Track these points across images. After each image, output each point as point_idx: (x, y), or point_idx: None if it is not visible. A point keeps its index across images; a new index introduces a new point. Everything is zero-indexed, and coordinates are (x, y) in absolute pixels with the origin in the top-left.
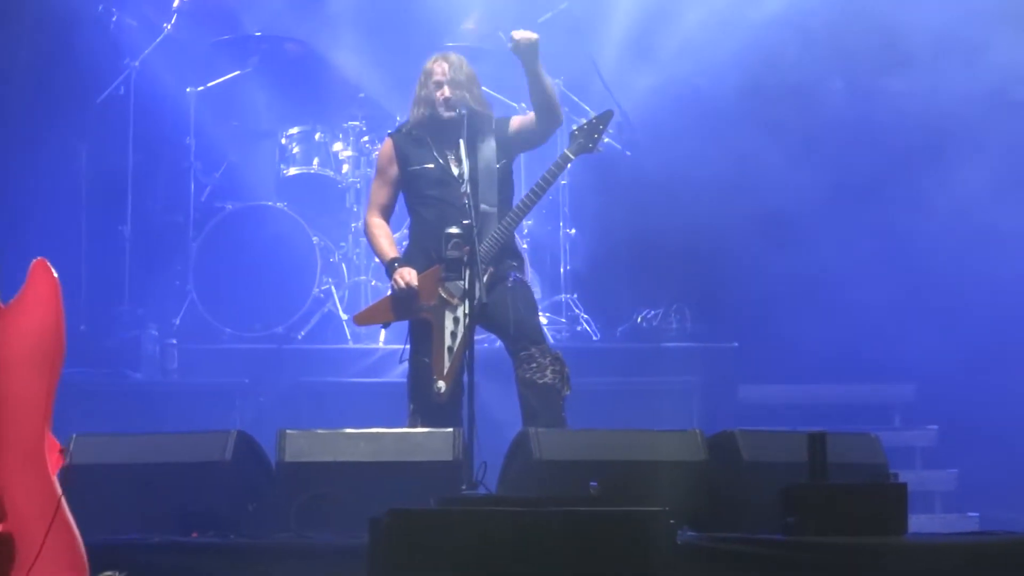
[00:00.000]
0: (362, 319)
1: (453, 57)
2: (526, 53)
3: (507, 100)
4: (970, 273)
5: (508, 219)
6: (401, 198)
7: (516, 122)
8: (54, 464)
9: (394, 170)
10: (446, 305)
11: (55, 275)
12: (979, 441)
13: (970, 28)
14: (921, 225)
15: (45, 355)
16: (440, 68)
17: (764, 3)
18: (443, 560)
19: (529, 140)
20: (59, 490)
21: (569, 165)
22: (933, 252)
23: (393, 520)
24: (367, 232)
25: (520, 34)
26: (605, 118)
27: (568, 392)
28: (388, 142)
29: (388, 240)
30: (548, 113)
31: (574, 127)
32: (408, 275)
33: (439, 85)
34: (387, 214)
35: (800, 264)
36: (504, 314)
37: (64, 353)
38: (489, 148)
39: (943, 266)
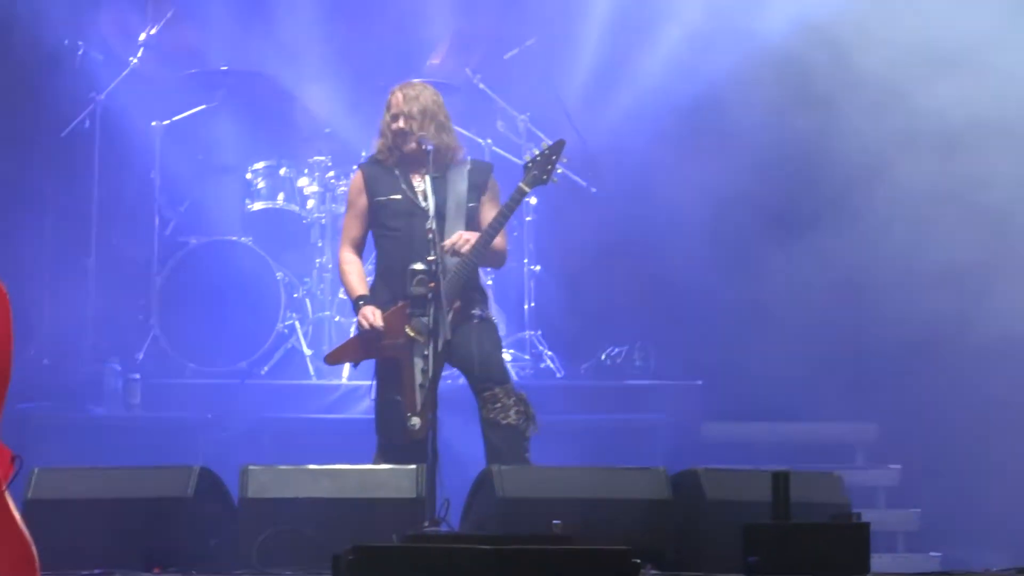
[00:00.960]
0: (332, 358)
1: (411, 88)
2: (475, 255)
3: (473, 136)
4: (930, 313)
5: (469, 255)
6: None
7: (488, 200)
8: (4, 473)
9: (363, 201)
10: (414, 343)
11: (5, 295)
12: (941, 480)
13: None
14: (883, 263)
15: None
16: (395, 100)
17: (723, 44)
18: None
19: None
20: (5, 490)
21: (525, 198)
22: (894, 291)
23: (356, 556)
24: (340, 268)
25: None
26: (557, 148)
27: (535, 432)
28: (358, 174)
29: (358, 277)
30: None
31: (527, 158)
32: (372, 315)
33: (395, 117)
34: (359, 247)
35: (764, 302)
36: (469, 352)
37: (10, 367)
38: (461, 185)
39: (904, 305)
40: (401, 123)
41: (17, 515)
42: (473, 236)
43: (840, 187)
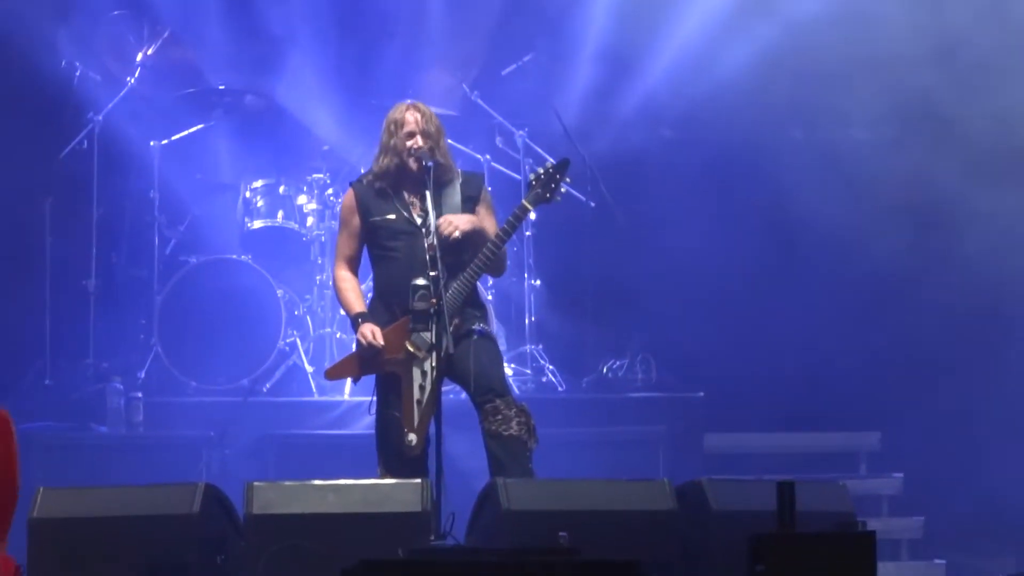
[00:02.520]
0: (332, 374)
1: (423, 107)
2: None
3: (472, 152)
4: (931, 321)
5: (471, 270)
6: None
7: (483, 207)
8: None
9: (356, 221)
10: (413, 359)
11: (8, 419)
12: (944, 488)
13: None
14: (879, 273)
15: None
16: (413, 118)
17: (725, 56)
18: None
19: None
20: None
21: (528, 215)
22: (894, 299)
23: (363, 572)
24: (334, 286)
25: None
26: (562, 167)
27: (535, 445)
28: (350, 193)
29: (355, 294)
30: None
31: (531, 176)
32: (372, 332)
33: (411, 135)
34: (354, 266)
35: (764, 313)
36: (469, 367)
37: (17, 489)
38: (455, 200)
39: (904, 314)
40: (419, 141)
41: None
42: (459, 219)
43: (842, 195)
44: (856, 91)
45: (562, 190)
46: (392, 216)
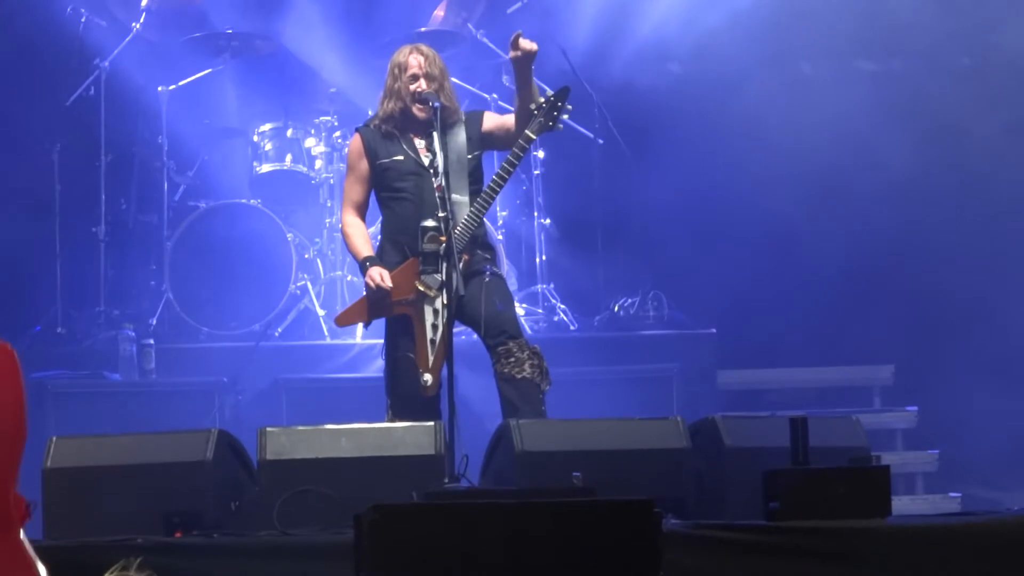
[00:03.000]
0: (342, 320)
1: (426, 49)
2: (523, 63)
3: (479, 91)
4: (943, 254)
5: (477, 205)
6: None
7: (491, 120)
8: (20, 520)
9: (364, 165)
10: (424, 298)
11: (13, 354)
12: (959, 421)
13: None
14: (896, 206)
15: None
16: (416, 61)
17: None
18: (428, 554)
19: (504, 141)
20: (31, 552)
21: (531, 145)
22: (907, 234)
23: (378, 516)
24: (343, 231)
25: (526, 44)
26: (563, 94)
27: (548, 387)
28: (356, 137)
29: (363, 239)
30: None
31: (532, 106)
32: (380, 275)
33: (415, 78)
34: (362, 211)
35: (775, 248)
36: (480, 308)
37: (25, 426)
38: (460, 140)
39: (917, 247)
40: (424, 84)
41: (38, 562)
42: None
43: (855, 139)
44: (867, 22)
45: (564, 117)
46: (400, 157)
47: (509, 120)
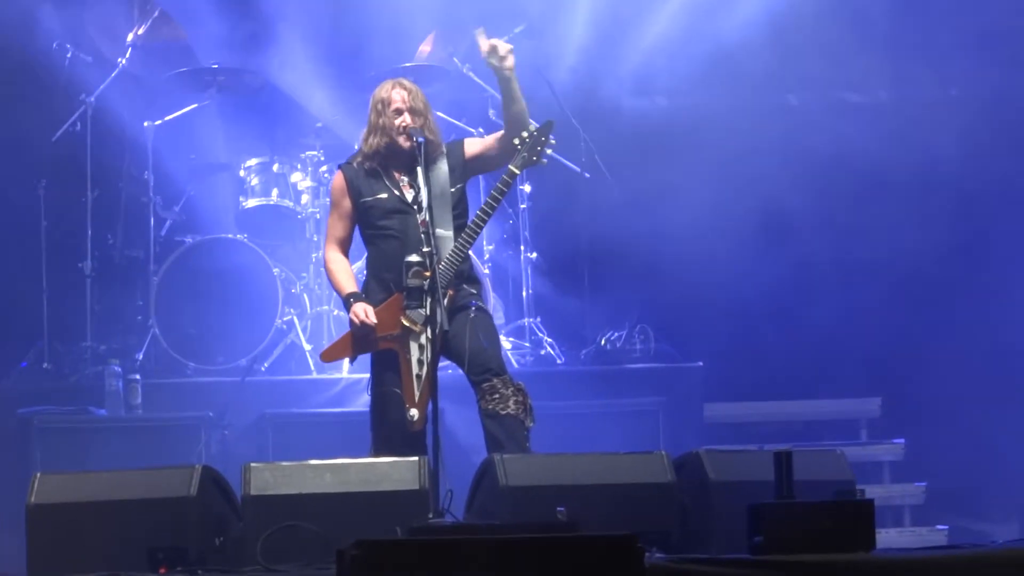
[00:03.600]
0: (327, 356)
1: (408, 84)
2: (501, 62)
3: (464, 126)
4: (933, 285)
5: (462, 240)
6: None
7: (473, 146)
8: None
9: (347, 203)
10: (410, 334)
11: None
12: (946, 454)
13: None
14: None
15: None
16: (400, 95)
17: (719, 23)
18: None
19: (493, 160)
20: None
21: (515, 180)
22: (895, 265)
23: (360, 551)
24: (326, 267)
25: (494, 45)
26: (547, 128)
27: (532, 424)
28: (339, 175)
29: (346, 275)
30: (520, 127)
31: (515, 141)
32: (364, 311)
33: (399, 113)
34: (345, 247)
35: (762, 281)
36: (465, 345)
37: None
38: (442, 173)
39: (906, 279)
40: (408, 119)
41: None
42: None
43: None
44: (855, 56)
45: (548, 152)
46: (384, 195)
47: (492, 139)
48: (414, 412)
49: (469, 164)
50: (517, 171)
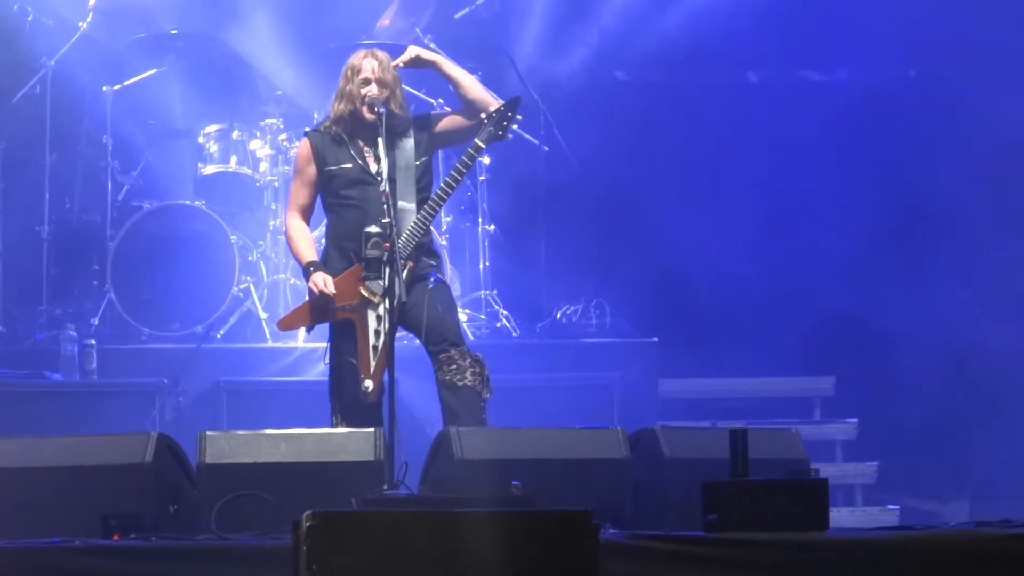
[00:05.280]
0: (284, 324)
1: (381, 55)
2: (421, 63)
3: (425, 96)
4: (888, 264)
5: (424, 213)
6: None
7: (441, 118)
8: None
9: (312, 170)
10: (368, 304)
11: None
12: (899, 433)
13: None
14: (839, 220)
15: None
16: (370, 65)
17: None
18: (365, 561)
19: (460, 134)
20: None
21: (481, 155)
22: (847, 248)
23: (315, 522)
24: (287, 234)
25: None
26: (514, 104)
27: (489, 395)
28: (305, 142)
29: (306, 243)
30: (479, 103)
31: (482, 115)
32: (323, 280)
33: (366, 82)
34: (307, 215)
35: (717, 258)
36: (423, 315)
37: None
38: (408, 146)
39: (861, 257)
40: (375, 90)
41: None
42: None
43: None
44: (815, 34)
45: (514, 127)
46: (348, 165)
47: (458, 113)
48: (369, 383)
49: (435, 137)
50: (483, 145)
